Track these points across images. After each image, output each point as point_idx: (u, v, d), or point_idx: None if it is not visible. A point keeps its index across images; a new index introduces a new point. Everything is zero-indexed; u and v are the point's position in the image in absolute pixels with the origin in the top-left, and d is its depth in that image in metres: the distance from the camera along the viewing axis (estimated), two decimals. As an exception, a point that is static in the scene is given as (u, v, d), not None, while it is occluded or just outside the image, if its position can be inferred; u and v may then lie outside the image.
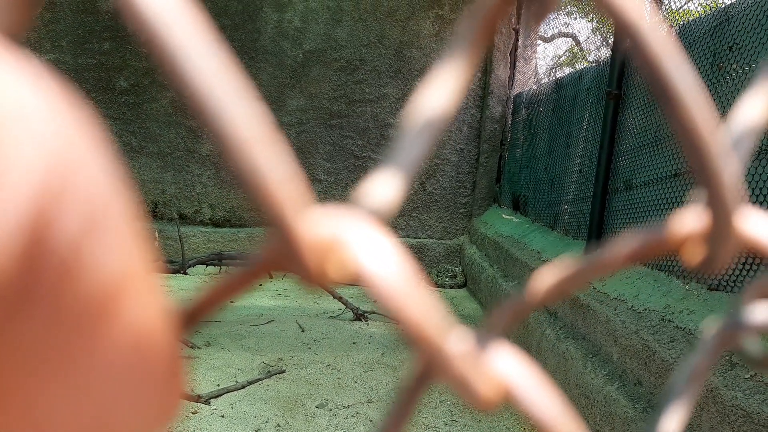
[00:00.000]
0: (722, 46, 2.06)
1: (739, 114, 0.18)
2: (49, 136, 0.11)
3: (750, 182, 1.76)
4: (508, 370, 0.15)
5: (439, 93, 0.15)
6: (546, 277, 0.17)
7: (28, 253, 0.10)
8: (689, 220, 0.17)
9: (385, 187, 0.14)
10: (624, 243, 0.17)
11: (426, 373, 0.15)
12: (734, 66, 2.00)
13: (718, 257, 0.16)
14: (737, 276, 1.79)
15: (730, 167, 0.16)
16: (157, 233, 4.78)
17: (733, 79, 1.97)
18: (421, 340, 0.14)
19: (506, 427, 2.33)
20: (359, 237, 0.13)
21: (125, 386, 0.13)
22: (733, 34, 2.00)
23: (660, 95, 0.15)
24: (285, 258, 0.13)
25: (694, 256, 0.17)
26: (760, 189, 1.72)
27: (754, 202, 1.74)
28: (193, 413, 2.25)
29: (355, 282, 0.13)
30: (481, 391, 0.15)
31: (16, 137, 0.10)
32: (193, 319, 0.15)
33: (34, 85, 0.11)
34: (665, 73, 0.15)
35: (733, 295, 1.81)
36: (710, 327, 0.21)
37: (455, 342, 0.14)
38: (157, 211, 5.09)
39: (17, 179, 0.10)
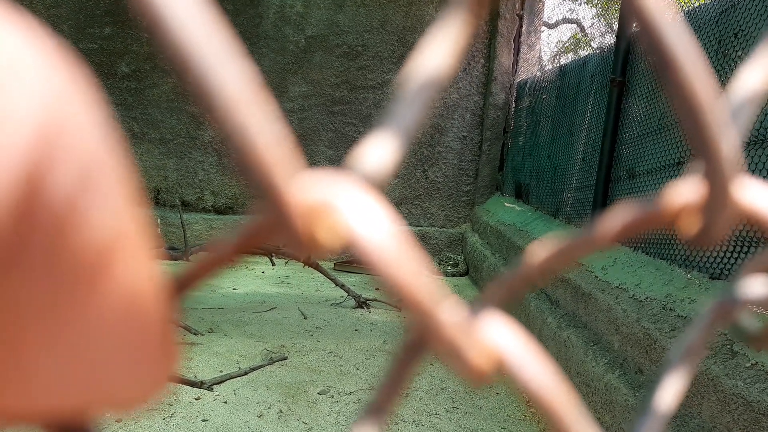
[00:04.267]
0: (727, 32, 2.05)
1: (739, 83, 0.18)
2: (43, 91, 0.11)
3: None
4: (501, 339, 0.15)
5: (436, 55, 0.14)
6: (540, 251, 0.17)
7: (22, 207, 0.10)
8: (685, 191, 0.16)
9: (379, 151, 0.14)
10: (619, 216, 0.16)
11: (418, 341, 0.15)
12: (739, 53, 1.99)
13: (715, 228, 0.16)
14: (740, 264, 1.79)
15: (729, 137, 0.15)
16: (159, 220, 4.79)
17: (739, 66, 1.95)
18: (413, 305, 0.13)
19: (507, 415, 2.35)
20: (350, 201, 0.13)
21: (117, 346, 0.13)
22: (738, 21, 1.99)
23: (658, 62, 0.15)
24: (275, 225, 0.13)
25: (690, 227, 0.16)
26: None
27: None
28: (196, 399, 2.26)
29: (345, 247, 0.13)
30: (472, 359, 0.14)
31: (10, 90, 0.10)
32: (186, 288, 0.15)
33: (29, 40, 0.11)
34: (664, 39, 0.15)
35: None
36: (707, 303, 0.20)
37: (448, 309, 0.14)
38: (159, 198, 5.09)
39: (10, 131, 0.10)
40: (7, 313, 0.11)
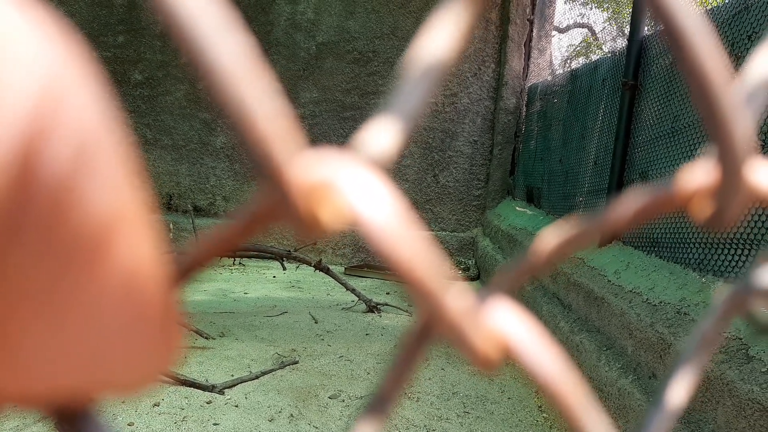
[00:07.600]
0: (741, 35, 2.03)
1: (753, 66, 0.17)
2: (40, 65, 0.10)
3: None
4: (508, 326, 0.15)
5: (439, 39, 0.14)
6: (550, 237, 0.17)
7: (17, 181, 0.10)
8: (698, 175, 0.16)
9: (382, 134, 0.14)
10: (631, 201, 0.16)
11: (425, 328, 0.15)
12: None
13: (728, 212, 0.16)
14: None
15: (743, 120, 0.15)
16: (171, 225, 4.82)
17: (754, 51, 1.93)
18: (418, 290, 0.13)
19: (519, 419, 2.33)
20: (354, 182, 0.13)
21: (116, 328, 0.13)
22: (752, 23, 1.97)
23: (674, 44, 0.15)
24: (276, 205, 0.13)
25: (703, 211, 0.16)
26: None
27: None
28: (207, 403, 2.27)
29: (348, 227, 0.13)
30: (478, 345, 0.14)
31: (5, 64, 0.10)
32: (189, 274, 0.15)
33: (26, 15, 0.11)
34: (680, 23, 0.14)
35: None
36: (722, 292, 0.20)
37: (455, 295, 0.14)
38: (172, 204, 5.13)
39: (6, 104, 0.10)
40: (4, 293, 0.11)
